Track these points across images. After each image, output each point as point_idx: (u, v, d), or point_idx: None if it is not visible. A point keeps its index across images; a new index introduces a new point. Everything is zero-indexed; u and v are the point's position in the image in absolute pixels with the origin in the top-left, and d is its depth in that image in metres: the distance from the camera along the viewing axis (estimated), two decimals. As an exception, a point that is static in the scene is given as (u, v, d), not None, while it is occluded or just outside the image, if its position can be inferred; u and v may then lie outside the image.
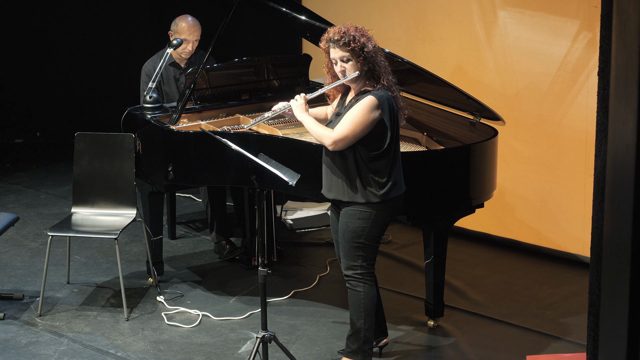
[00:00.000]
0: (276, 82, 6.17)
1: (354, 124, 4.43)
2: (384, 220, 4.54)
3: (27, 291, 5.78)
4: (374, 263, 4.63)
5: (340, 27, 4.51)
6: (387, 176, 4.47)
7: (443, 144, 5.52)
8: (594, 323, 3.71)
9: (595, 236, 3.70)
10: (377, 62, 4.47)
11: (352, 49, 4.44)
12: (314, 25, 5.51)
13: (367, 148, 4.46)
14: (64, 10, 8.70)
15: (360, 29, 4.50)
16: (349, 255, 4.59)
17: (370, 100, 4.44)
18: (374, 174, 4.47)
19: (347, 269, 4.62)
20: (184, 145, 5.42)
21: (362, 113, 4.43)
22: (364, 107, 4.43)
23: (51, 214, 7.07)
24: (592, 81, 5.79)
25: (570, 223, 6.10)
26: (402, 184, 4.60)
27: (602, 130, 3.54)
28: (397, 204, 4.58)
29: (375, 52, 4.48)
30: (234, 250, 6.21)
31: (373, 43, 4.49)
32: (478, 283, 5.93)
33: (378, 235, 4.56)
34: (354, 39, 4.44)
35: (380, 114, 4.43)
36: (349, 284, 4.63)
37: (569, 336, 5.23)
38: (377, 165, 4.47)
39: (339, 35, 4.46)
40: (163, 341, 5.20)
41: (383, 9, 6.79)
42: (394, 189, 4.52)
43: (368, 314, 4.62)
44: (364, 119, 4.42)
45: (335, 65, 4.54)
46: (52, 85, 8.82)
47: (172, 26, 6.25)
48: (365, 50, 4.44)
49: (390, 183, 4.48)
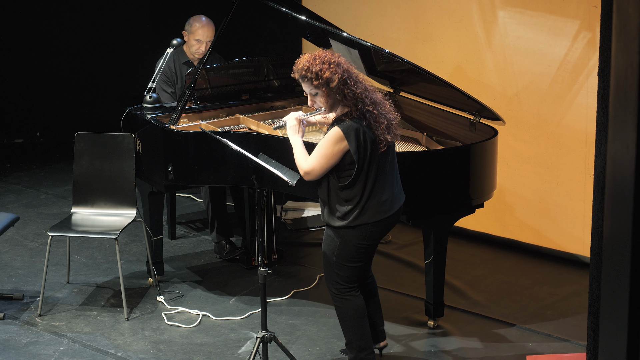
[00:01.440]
0: (276, 82, 6.17)
1: (320, 156, 4.40)
2: (355, 242, 4.49)
3: (27, 291, 5.78)
4: (354, 279, 4.59)
5: (306, 59, 4.42)
6: (355, 204, 4.43)
7: (443, 144, 5.52)
8: (594, 323, 3.71)
9: (595, 236, 3.70)
10: (345, 93, 4.36)
11: (316, 85, 4.40)
12: (314, 25, 5.51)
13: (338, 178, 4.44)
14: (64, 10, 8.70)
15: (328, 60, 4.38)
16: (326, 272, 4.65)
17: (335, 133, 4.38)
18: (343, 202, 4.45)
19: (327, 283, 4.68)
20: (184, 145, 5.42)
21: (326, 145, 4.39)
22: (329, 139, 4.39)
23: (51, 214, 7.07)
24: (592, 81, 5.79)
25: (570, 223, 6.10)
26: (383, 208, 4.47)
27: (602, 130, 3.54)
28: (376, 228, 4.50)
29: (344, 83, 4.36)
30: (234, 250, 6.21)
31: (339, 73, 4.36)
32: (478, 283, 5.93)
33: (350, 256, 4.52)
34: (317, 75, 4.36)
35: (347, 144, 4.37)
36: (332, 298, 4.67)
37: (569, 336, 5.23)
38: (347, 194, 4.44)
39: (303, 72, 4.40)
40: (163, 341, 5.20)
41: (383, 9, 6.79)
42: (365, 215, 4.44)
43: (356, 325, 4.62)
44: (329, 151, 4.39)
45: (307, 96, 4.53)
46: (52, 85, 8.82)
47: (186, 26, 6.28)
48: (330, 84, 4.36)
49: (356, 211, 4.43)
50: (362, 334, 4.64)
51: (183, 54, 6.33)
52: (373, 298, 4.87)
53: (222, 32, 5.67)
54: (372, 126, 4.39)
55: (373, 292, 4.88)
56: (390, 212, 4.50)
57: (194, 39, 6.24)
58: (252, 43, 8.09)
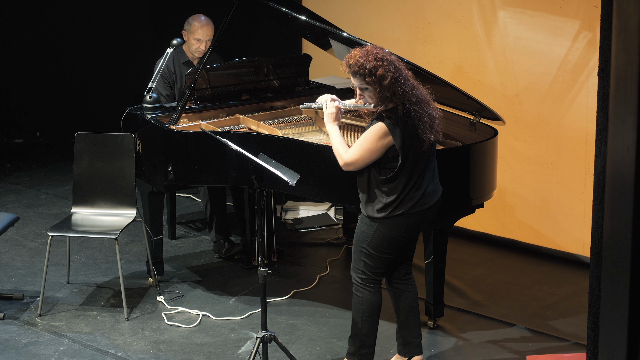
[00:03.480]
0: (276, 82, 6.17)
1: (363, 150, 4.43)
2: (389, 233, 4.51)
3: (27, 291, 5.78)
4: (380, 272, 4.60)
5: (359, 55, 4.42)
6: (396, 197, 4.45)
7: (443, 144, 5.52)
8: (594, 323, 3.71)
9: (595, 236, 3.70)
10: (395, 91, 4.38)
11: (368, 82, 4.40)
12: (314, 25, 5.51)
13: (380, 171, 4.45)
14: (64, 10, 8.70)
15: (381, 57, 4.40)
16: (354, 258, 4.62)
17: (379, 128, 4.41)
18: (383, 195, 4.47)
19: (352, 271, 4.65)
20: (184, 145, 5.42)
21: (371, 140, 4.42)
22: (372, 134, 4.42)
23: (51, 214, 7.07)
24: (592, 81, 5.79)
25: (570, 223, 6.10)
26: (421, 201, 4.49)
27: (602, 130, 3.54)
28: (412, 221, 4.51)
29: (395, 81, 4.37)
30: (232, 247, 6.21)
31: (392, 71, 4.38)
32: (478, 283, 5.93)
33: (382, 246, 4.52)
34: (370, 72, 4.37)
35: (391, 140, 4.40)
36: (353, 286, 4.65)
37: (569, 336, 5.23)
38: (389, 187, 4.46)
39: (356, 68, 4.40)
40: (163, 341, 5.20)
41: (383, 9, 6.79)
42: (404, 207, 4.47)
43: (366, 319, 4.62)
44: (372, 146, 4.41)
45: (355, 89, 4.52)
46: (52, 85, 8.82)
47: (185, 25, 6.28)
48: (382, 82, 4.37)
49: (396, 203, 4.45)
50: (368, 330, 4.64)
51: (183, 54, 6.33)
52: (411, 304, 4.77)
53: (222, 32, 5.67)
54: (416, 125, 4.42)
55: (412, 298, 4.78)
56: (428, 204, 4.54)
57: (193, 38, 6.24)
58: (252, 43, 8.09)
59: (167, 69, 6.26)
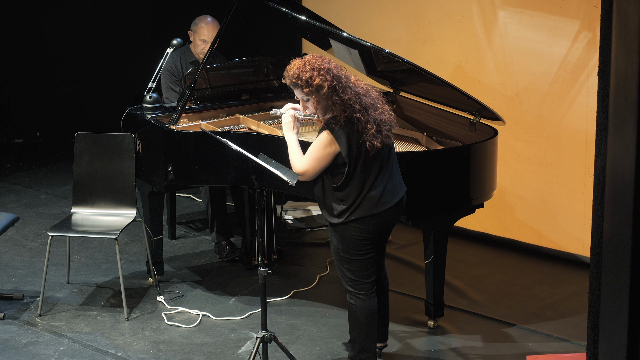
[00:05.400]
0: (276, 82, 6.17)
1: (312, 159, 4.45)
2: (354, 236, 4.50)
3: (27, 291, 5.78)
4: (367, 274, 4.59)
5: (297, 66, 4.42)
6: (350, 204, 4.46)
7: (443, 144, 5.52)
8: (594, 323, 3.71)
9: (595, 236, 3.70)
10: (333, 100, 4.39)
11: (306, 92, 4.43)
12: (314, 25, 5.51)
13: (332, 178, 4.48)
14: (64, 10, 8.70)
15: (317, 66, 4.39)
16: (338, 268, 4.65)
17: (324, 136, 4.43)
18: (338, 202, 4.48)
19: (342, 281, 4.68)
20: (184, 145, 5.42)
21: (317, 149, 4.44)
22: (319, 143, 4.44)
23: (51, 214, 7.07)
24: (592, 81, 5.79)
25: (570, 223, 6.10)
26: (380, 202, 4.48)
27: (602, 130, 3.54)
28: (373, 221, 4.50)
29: (333, 90, 4.37)
30: (234, 251, 6.21)
31: (329, 80, 4.37)
32: (478, 283, 5.93)
33: (354, 248, 4.52)
34: (307, 82, 4.38)
35: (337, 147, 4.41)
36: (347, 295, 4.68)
37: (569, 336, 5.23)
38: (341, 194, 4.47)
39: (293, 79, 4.42)
40: (163, 341, 5.20)
41: (383, 9, 6.79)
42: (360, 210, 4.46)
43: (361, 326, 4.63)
44: (320, 154, 4.43)
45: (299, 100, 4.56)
46: (52, 85, 8.82)
47: (192, 26, 6.34)
48: (320, 91, 4.39)
49: (351, 209, 4.46)
50: (367, 335, 4.65)
51: (190, 53, 6.38)
52: (380, 296, 4.84)
53: (222, 32, 5.67)
54: (360, 131, 4.41)
55: (382, 290, 4.86)
56: (388, 205, 4.51)
57: (199, 38, 6.29)
58: (252, 43, 8.09)
59: (175, 68, 6.31)
